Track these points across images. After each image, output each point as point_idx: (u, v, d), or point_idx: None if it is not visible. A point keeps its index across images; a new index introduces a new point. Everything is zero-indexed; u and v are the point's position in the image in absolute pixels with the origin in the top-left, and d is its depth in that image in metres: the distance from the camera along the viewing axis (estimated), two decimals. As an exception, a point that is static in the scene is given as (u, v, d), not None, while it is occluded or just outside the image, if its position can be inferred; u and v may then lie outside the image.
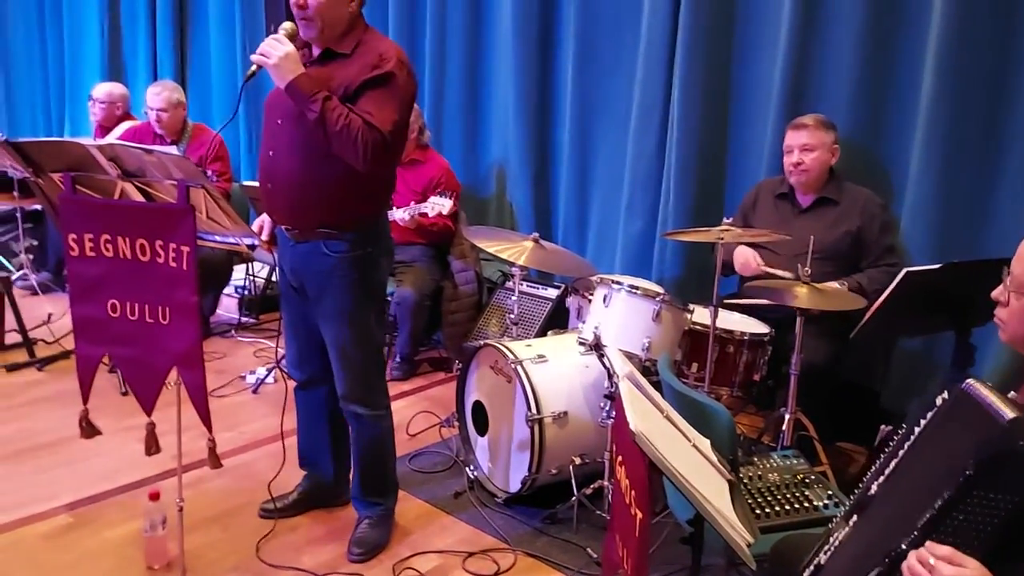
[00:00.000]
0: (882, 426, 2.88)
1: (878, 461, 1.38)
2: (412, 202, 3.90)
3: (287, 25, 2.25)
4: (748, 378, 2.98)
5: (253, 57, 2.20)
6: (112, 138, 4.67)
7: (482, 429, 3.04)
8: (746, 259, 3.14)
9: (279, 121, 2.34)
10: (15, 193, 4.57)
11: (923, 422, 1.31)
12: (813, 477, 2.11)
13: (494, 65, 4.53)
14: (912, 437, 1.32)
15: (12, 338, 4.12)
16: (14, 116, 7.79)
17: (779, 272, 3.00)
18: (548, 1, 4.20)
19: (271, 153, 2.39)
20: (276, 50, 2.16)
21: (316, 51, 2.34)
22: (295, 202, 2.35)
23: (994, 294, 1.51)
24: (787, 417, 2.73)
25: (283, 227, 2.45)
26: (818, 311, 2.65)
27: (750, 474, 2.08)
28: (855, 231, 3.11)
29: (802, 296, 2.61)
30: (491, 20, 4.49)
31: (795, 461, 2.16)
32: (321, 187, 2.30)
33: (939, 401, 1.30)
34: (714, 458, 1.67)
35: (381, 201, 2.47)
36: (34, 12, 7.28)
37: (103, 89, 5.06)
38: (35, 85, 7.47)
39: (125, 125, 4.92)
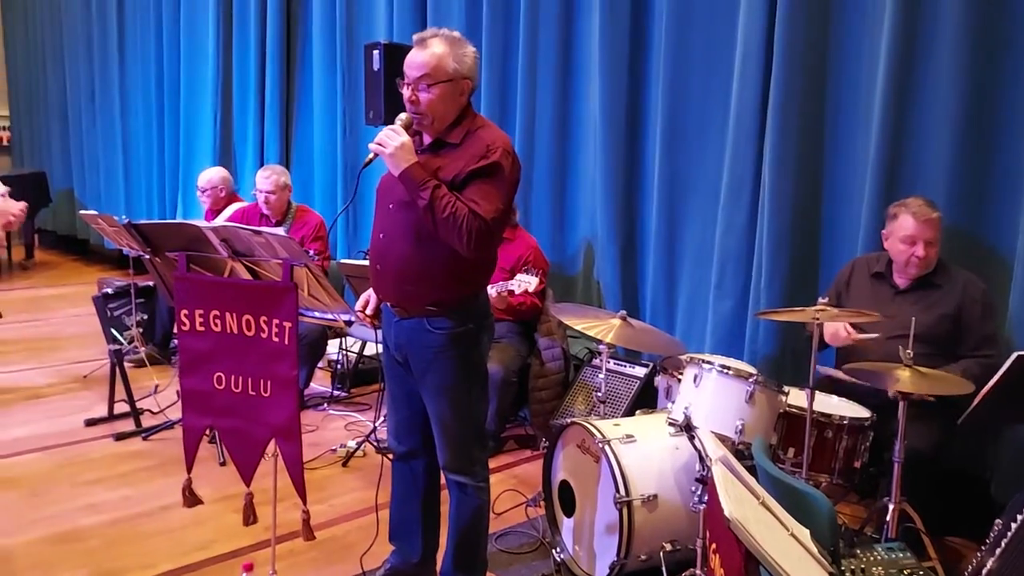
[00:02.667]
0: (997, 520, 2.72)
1: (977, 556, 1.31)
2: (501, 280, 3.95)
3: (403, 116, 2.37)
4: (848, 465, 2.87)
5: (371, 146, 2.33)
6: (222, 219, 4.91)
7: (569, 510, 3.00)
8: (836, 329, 3.05)
9: (390, 206, 2.45)
10: (130, 270, 4.84)
11: (1020, 518, 1.23)
12: (921, 573, 2.00)
13: (581, 143, 4.61)
14: (1010, 533, 1.24)
15: (120, 407, 4.30)
16: (131, 198, 8.33)
17: (869, 337, 2.91)
18: (636, 78, 4.27)
19: (381, 236, 2.49)
20: (392, 140, 2.29)
21: (427, 139, 2.45)
22: (403, 282, 2.44)
23: None
24: (891, 507, 2.60)
25: (389, 304, 2.53)
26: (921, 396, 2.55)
27: (852, 567, 1.99)
28: (953, 314, 3.00)
29: (904, 380, 2.52)
30: (579, 98, 4.59)
31: (901, 554, 2.05)
32: (428, 269, 2.39)
33: None
34: (814, 549, 1.61)
35: (482, 281, 2.55)
36: (154, 102, 7.84)
37: (204, 177, 5.29)
38: (151, 169, 7.99)
39: (234, 206, 5.18)
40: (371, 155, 2.34)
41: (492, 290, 3.88)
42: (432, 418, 2.53)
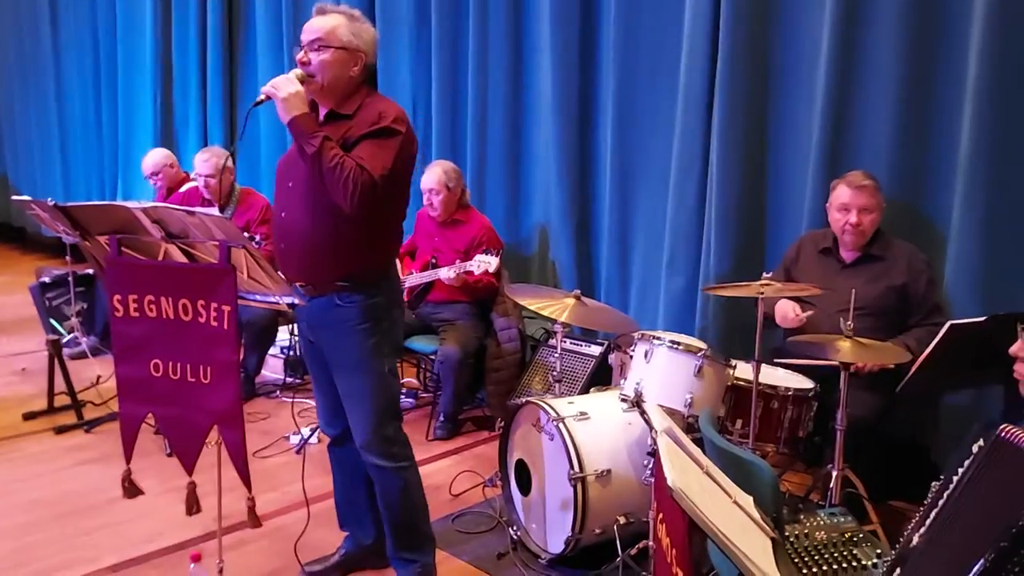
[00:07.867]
0: (933, 483, 2.79)
1: (919, 512, 1.35)
2: (457, 261, 3.93)
3: (298, 71, 2.35)
4: (794, 434, 2.92)
5: (264, 88, 2.30)
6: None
7: (525, 488, 3.00)
8: (785, 311, 3.11)
9: (290, 184, 2.44)
10: (67, 258, 4.70)
11: (960, 471, 1.28)
12: (862, 535, 2.03)
13: (534, 126, 4.60)
14: (951, 487, 1.29)
15: (61, 400, 4.19)
16: (70, 182, 8.06)
17: (813, 312, 2.97)
18: (587, 61, 4.27)
19: (283, 214, 2.47)
20: (287, 86, 2.27)
21: (323, 113, 2.43)
22: (308, 259, 2.41)
23: (1012, 350, 1.50)
24: (834, 474, 2.66)
25: (298, 284, 2.48)
26: (863, 365, 2.59)
27: (796, 532, 2.02)
28: (899, 286, 3.06)
29: (845, 350, 2.56)
30: (531, 82, 4.57)
31: (843, 519, 2.09)
32: (332, 243, 2.37)
33: (975, 449, 1.27)
34: (757, 515, 1.62)
35: (390, 253, 2.55)
36: (90, 81, 7.57)
37: (149, 162, 5.11)
38: (90, 152, 7.73)
39: (189, 185, 5.00)
40: (262, 96, 2.31)
41: (450, 271, 3.86)
42: (344, 397, 2.50)
